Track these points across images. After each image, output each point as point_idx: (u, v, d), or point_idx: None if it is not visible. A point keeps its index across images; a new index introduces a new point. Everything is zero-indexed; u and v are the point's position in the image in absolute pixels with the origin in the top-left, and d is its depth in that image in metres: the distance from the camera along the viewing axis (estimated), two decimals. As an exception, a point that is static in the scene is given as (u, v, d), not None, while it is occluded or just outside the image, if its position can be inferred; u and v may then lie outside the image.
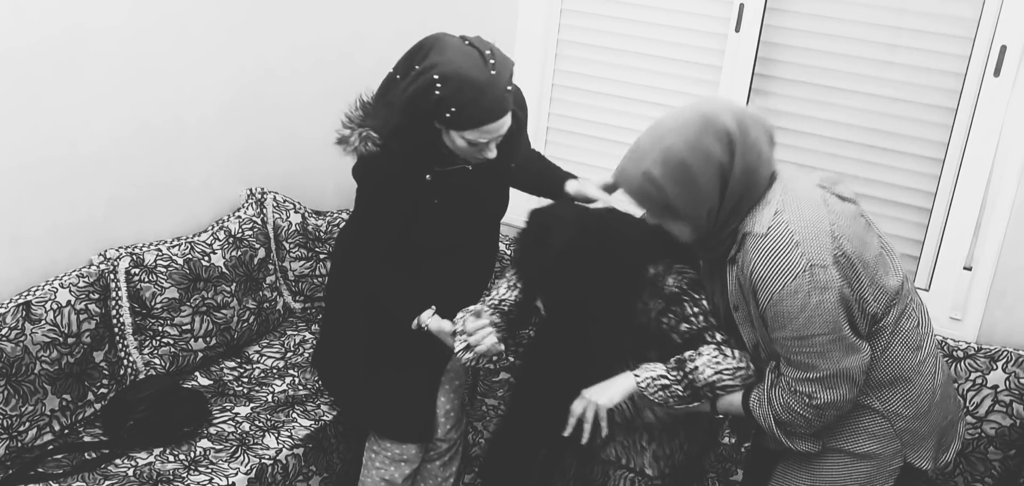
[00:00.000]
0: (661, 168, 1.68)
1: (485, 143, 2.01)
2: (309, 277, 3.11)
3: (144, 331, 2.63)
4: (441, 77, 1.91)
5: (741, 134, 1.67)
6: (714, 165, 1.67)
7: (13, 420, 2.28)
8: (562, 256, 1.87)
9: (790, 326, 1.70)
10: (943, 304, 2.65)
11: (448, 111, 1.93)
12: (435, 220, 2.16)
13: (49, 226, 2.49)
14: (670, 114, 1.74)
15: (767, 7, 2.70)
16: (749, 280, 1.72)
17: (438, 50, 1.95)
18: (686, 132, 1.68)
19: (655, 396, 1.91)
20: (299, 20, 3.11)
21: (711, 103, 1.73)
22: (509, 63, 2.00)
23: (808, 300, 1.66)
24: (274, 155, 3.17)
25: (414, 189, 2.10)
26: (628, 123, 3.00)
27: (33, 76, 2.35)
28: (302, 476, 2.50)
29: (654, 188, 1.70)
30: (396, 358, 2.32)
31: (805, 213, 1.69)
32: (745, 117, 1.71)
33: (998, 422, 2.41)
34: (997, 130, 2.50)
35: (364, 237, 2.21)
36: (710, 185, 1.68)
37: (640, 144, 1.75)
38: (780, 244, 1.67)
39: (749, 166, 1.68)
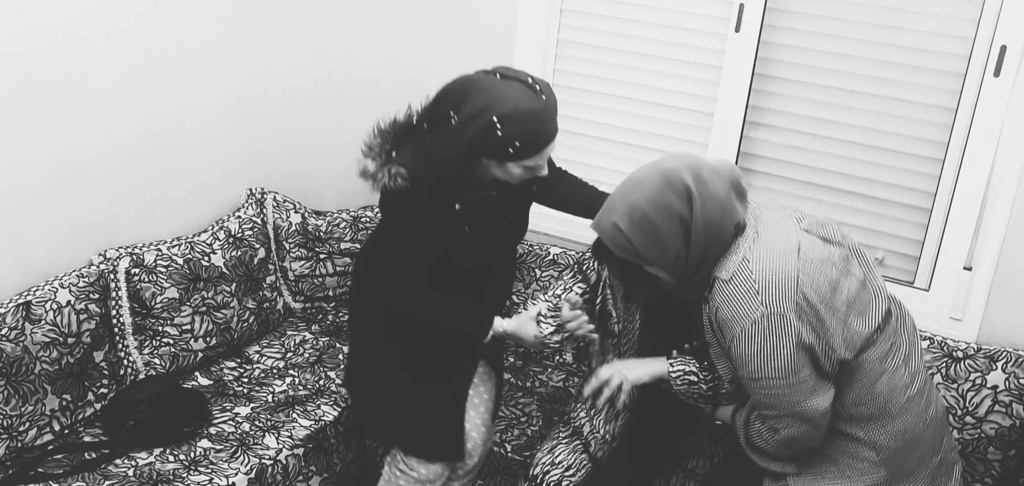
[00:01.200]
0: (627, 220, 1.82)
1: (541, 163, 2.06)
2: (309, 277, 3.11)
3: (144, 331, 2.63)
4: (500, 117, 1.93)
5: (699, 188, 1.79)
6: (675, 217, 1.79)
7: (13, 420, 2.28)
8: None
9: (747, 367, 1.82)
10: (943, 304, 2.65)
11: (511, 146, 1.96)
12: (465, 246, 2.17)
13: (49, 226, 2.49)
14: (638, 171, 1.88)
15: (767, 7, 2.70)
16: (716, 320, 1.85)
17: (479, 92, 1.97)
18: (649, 188, 1.81)
19: (679, 387, 2.04)
20: (299, 21, 3.12)
21: (673, 160, 1.85)
22: (548, 85, 2.05)
23: (764, 346, 1.77)
24: (274, 155, 3.18)
25: (444, 218, 2.11)
26: (628, 123, 3.00)
27: (34, 78, 2.35)
28: (302, 476, 2.50)
29: (623, 238, 1.83)
30: (426, 376, 2.31)
31: (771, 262, 1.78)
32: (704, 171, 1.82)
33: (998, 423, 2.41)
34: (997, 130, 2.50)
35: (404, 270, 2.19)
36: (672, 235, 1.80)
37: (613, 198, 1.89)
38: (741, 291, 1.78)
39: (709, 217, 1.79)
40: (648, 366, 2.07)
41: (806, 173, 2.81)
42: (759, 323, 1.76)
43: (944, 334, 2.58)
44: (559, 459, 2.37)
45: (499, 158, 2.01)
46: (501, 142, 1.95)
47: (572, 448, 2.39)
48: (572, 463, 2.35)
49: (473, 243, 2.18)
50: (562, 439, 2.43)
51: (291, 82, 3.16)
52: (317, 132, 3.30)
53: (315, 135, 3.30)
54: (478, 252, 2.21)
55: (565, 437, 2.44)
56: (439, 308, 2.22)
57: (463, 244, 2.16)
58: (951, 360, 2.48)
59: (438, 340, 2.27)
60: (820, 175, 2.79)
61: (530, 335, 2.22)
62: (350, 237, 3.11)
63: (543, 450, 2.41)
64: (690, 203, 1.79)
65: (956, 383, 2.46)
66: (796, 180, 2.83)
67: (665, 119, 2.95)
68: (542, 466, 2.36)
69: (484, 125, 1.94)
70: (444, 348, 2.29)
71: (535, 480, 2.36)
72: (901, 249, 2.75)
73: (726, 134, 2.82)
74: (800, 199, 2.83)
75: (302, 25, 3.12)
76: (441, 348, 2.28)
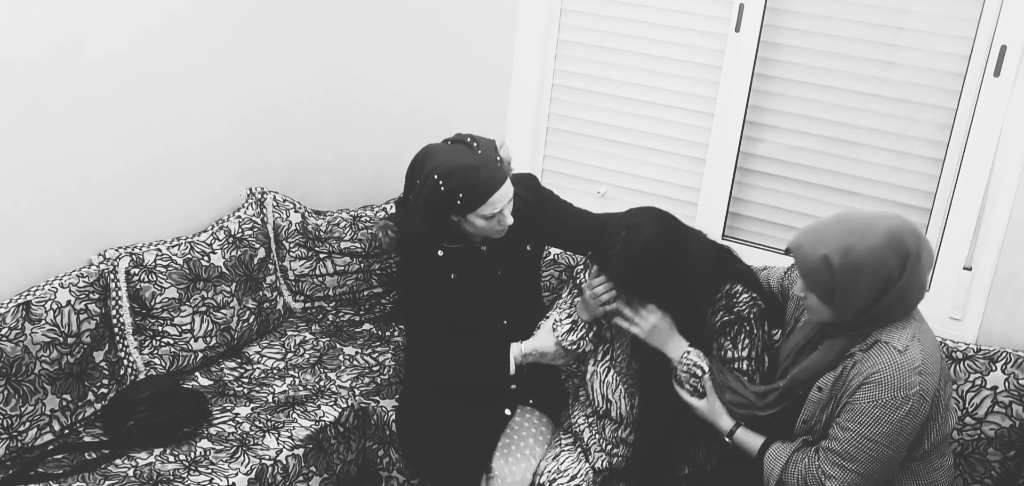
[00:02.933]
0: (839, 259, 1.85)
1: (499, 211, 2.28)
2: (309, 277, 3.11)
3: (144, 331, 2.63)
4: (440, 176, 2.23)
5: (916, 259, 1.86)
6: (883, 277, 1.85)
7: (13, 420, 2.28)
8: (647, 248, 2.09)
9: (867, 427, 1.88)
10: (943, 304, 2.65)
11: (457, 199, 2.24)
12: (458, 295, 2.40)
13: (49, 226, 2.50)
14: (856, 215, 1.92)
15: (767, 7, 2.70)
16: (859, 377, 1.89)
17: (429, 158, 2.30)
18: (871, 239, 1.85)
19: (684, 374, 2.15)
20: (299, 20, 3.11)
21: (899, 221, 1.90)
22: (490, 143, 2.36)
23: (897, 416, 1.86)
24: (274, 155, 3.18)
25: (430, 263, 2.39)
26: (628, 123, 3.00)
27: (33, 77, 2.35)
28: (302, 477, 2.50)
29: (826, 275, 1.87)
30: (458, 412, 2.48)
31: (932, 350, 1.90)
32: (923, 244, 1.89)
33: (997, 423, 2.41)
34: (997, 130, 2.50)
35: (415, 315, 2.48)
36: (871, 290, 1.86)
37: (825, 229, 1.91)
38: (909, 365, 1.86)
39: (910, 288, 1.88)
40: (667, 340, 2.17)
41: (806, 173, 2.81)
42: (909, 397, 1.84)
43: (944, 334, 2.58)
44: (564, 467, 2.36)
45: (453, 212, 2.28)
46: (447, 196, 2.24)
47: (577, 455, 2.39)
48: (577, 471, 2.34)
49: (465, 292, 2.41)
50: (565, 446, 2.43)
51: (292, 81, 3.16)
52: (317, 132, 3.30)
53: (315, 135, 3.30)
54: (472, 302, 2.42)
55: (568, 444, 2.43)
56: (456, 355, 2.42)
57: (454, 292, 2.40)
58: (951, 361, 2.47)
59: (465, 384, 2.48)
60: (820, 175, 2.79)
61: (551, 344, 2.36)
62: (350, 237, 3.11)
63: (547, 458, 2.41)
64: (903, 270, 1.85)
65: (956, 384, 2.46)
66: (796, 180, 2.83)
67: (665, 119, 2.95)
68: (548, 474, 2.35)
69: (430, 185, 2.24)
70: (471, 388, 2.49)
71: None
72: (901, 249, 2.75)
73: (726, 134, 2.82)
74: (800, 199, 2.83)
75: (303, 24, 3.12)
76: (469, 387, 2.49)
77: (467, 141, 2.32)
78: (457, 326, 2.41)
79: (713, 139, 2.86)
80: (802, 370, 2.01)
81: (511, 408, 2.51)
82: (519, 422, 2.50)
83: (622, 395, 2.31)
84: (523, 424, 2.49)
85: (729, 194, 2.88)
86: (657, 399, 2.23)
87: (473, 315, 2.43)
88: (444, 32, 3.12)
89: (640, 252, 2.10)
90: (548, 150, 3.14)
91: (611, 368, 2.34)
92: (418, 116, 3.26)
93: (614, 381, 2.32)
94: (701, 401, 2.16)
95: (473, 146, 2.30)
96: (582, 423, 2.44)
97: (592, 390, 2.38)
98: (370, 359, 2.93)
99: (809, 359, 2.02)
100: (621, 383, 2.31)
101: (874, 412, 1.86)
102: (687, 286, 2.15)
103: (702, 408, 2.16)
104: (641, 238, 2.10)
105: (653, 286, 2.16)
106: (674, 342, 2.18)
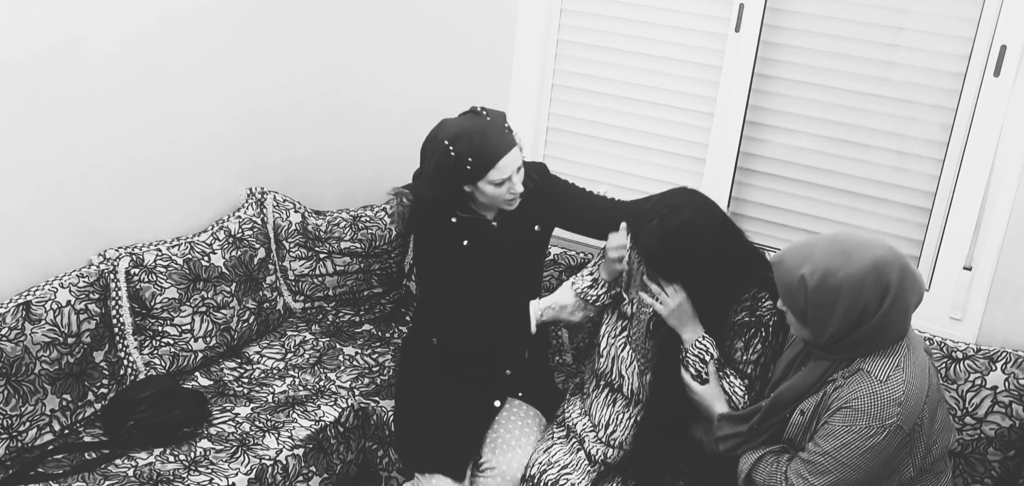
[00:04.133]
0: (816, 281, 1.83)
1: (508, 177, 2.32)
2: (309, 277, 3.11)
3: (144, 331, 2.63)
4: (449, 140, 2.29)
5: (897, 293, 1.82)
6: (859, 307, 1.82)
7: (13, 420, 2.28)
8: (682, 230, 2.10)
9: (838, 449, 1.87)
10: (943, 304, 2.65)
11: (467, 164, 2.28)
12: (468, 263, 2.45)
13: (49, 226, 2.49)
14: (854, 239, 1.88)
15: (767, 7, 2.70)
16: (838, 401, 1.87)
17: (440, 128, 2.36)
18: (853, 266, 1.81)
19: (692, 358, 2.19)
20: (300, 19, 3.11)
21: (887, 252, 1.85)
22: (499, 112, 2.38)
23: (870, 444, 1.84)
24: (274, 155, 3.18)
25: (443, 228, 2.44)
26: (628, 123, 3.00)
27: (33, 76, 2.35)
28: (302, 477, 2.50)
29: (801, 295, 1.85)
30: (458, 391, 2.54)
31: (917, 380, 1.86)
32: (908, 279, 1.84)
33: (997, 423, 2.41)
34: (997, 130, 2.50)
35: (429, 279, 2.50)
36: (846, 318, 1.83)
37: (812, 246, 1.88)
38: (889, 396, 1.83)
39: (889, 323, 1.84)
40: (689, 321, 2.19)
41: (806, 173, 2.81)
42: (885, 427, 1.82)
43: (944, 334, 2.58)
44: (555, 458, 2.37)
45: (464, 179, 2.33)
46: (457, 161, 2.29)
47: (569, 447, 2.40)
48: (568, 462, 2.36)
49: (474, 261, 2.44)
50: (558, 439, 2.44)
51: (292, 80, 3.15)
52: (318, 131, 3.30)
53: (316, 134, 3.30)
54: (480, 273, 2.45)
55: (560, 436, 2.45)
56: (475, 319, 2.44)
57: (464, 260, 2.44)
58: (951, 360, 2.47)
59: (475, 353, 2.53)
60: (820, 175, 2.79)
61: (570, 298, 2.41)
62: (350, 237, 3.11)
63: (538, 450, 2.42)
64: (881, 304, 1.82)
65: (956, 384, 2.46)
66: (796, 180, 2.83)
67: (665, 119, 2.95)
68: (539, 466, 2.37)
69: (441, 151, 2.30)
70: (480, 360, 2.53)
71: (532, 480, 2.36)
72: (901, 249, 2.73)
73: (726, 134, 2.82)
74: (800, 199, 2.83)
75: (304, 37, 3.13)
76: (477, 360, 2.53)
77: (478, 110, 2.36)
78: (471, 291, 2.44)
79: (713, 139, 2.86)
80: (785, 390, 2.01)
81: (500, 400, 2.53)
82: (508, 415, 2.51)
83: (635, 372, 2.34)
84: (511, 416, 2.51)
85: (729, 194, 2.88)
86: (669, 379, 2.26)
87: (483, 284, 2.45)
88: (444, 32, 3.12)
89: (675, 232, 2.12)
90: (548, 150, 3.14)
91: (627, 344, 2.35)
92: (418, 116, 3.24)
93: (629, 357, 2.35)
94: (702, 385, 2.18)
95: (483, 114, 2.34)
96: (576, 417, 2.45)
97: (608, 358, 2.39)
98: (370, 359, 2.93)
99: (792, 379, 2.01)
100: (636, 360, 2.33)
101: (846, 436, 1.85)
102: (714, 278, 2.17)
103: (702, 392, 2.18)
104: (678, 219, 2.13)
105: (680, 269, 2.18)
106: (691, 326, 2.20)
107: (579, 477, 2.33)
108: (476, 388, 2.53)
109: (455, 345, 2.53)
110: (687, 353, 2.20)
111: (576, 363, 2.89)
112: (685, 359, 2.21)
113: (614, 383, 2.38)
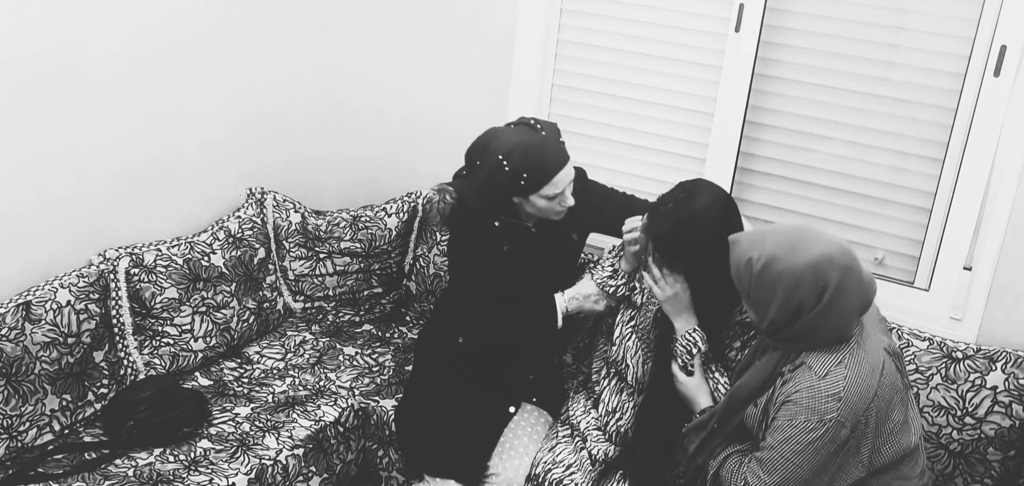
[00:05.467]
0: (759, 267, 1.86)
1: (561, 192, 2.32)
2: (309, 277, 3.11)
3: (144, 331, 2.63)
4: (504, 155, 2.26)
5: (835, 295, 1.83)
6: (796, 301, 1.84)
7: (13, 420, 2.28)
8: (693, 217, 2.12)
9: (782, 444, 1.89)
10: (943, 304, 2.65)
11: (521, 178, 2.27)
12: (505, 267, 2.45)
13: (49, 226, 2.49)
14: (809, 233, 1.89)
15: (767, 7, 2.70)
16: (783, 396, 1.91)
17: (492, 139, 2.32)
18: (796, 259, 1.84)
19: (681, 348, 2.21)
20: (299, 22, 3.12)
21: (836, 251, 1.85)
22: (552, 124, 2.37)
23: (810, 439, 1.85)
24: (274, 157, 3.18)
25: (486, 231, 2.43)
26: (628, 123, 3.00)
27: (34, 76, 2.35)
28: (302, 477, 2.50)
29: (746, 276, 1.90)
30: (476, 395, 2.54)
31: (860, 378, 1.86)
32: (851, 282, 1.84)
33: (997, 423, 2.41)
34: (997, 130, 2.50)
35: (463, 279, 2.49)
36: (783, 310, 1.86)
37: (769, 233, 1.91)
38: (826, 391, 1.85)
39: (824, 322, 1.85)
40: (684, 311, 2.22)
41: (806, 173, 2.81)
42: (824, 422, 1.84)
43: (944, 334, 2.58)
44: (560, 457, 2.38)
45: (517, 192, 2.32)
46: (511, 176, 2.27)
47: (573, 446, 2.40)
48: (573, 462, 2.36)
49: (511, 265, 2.45)
50: (562, 438, 2.44)
51: (292, 80, 3.16)
52: (318, 131, 3.30)
53: (316, 134, 3.30)
54: (515, 276, 2.45)
55: (565, 435, 2.45)
56: (504, 315, 2.45)
57: (503, 263, 2.44)
58: (951, 360, 2.47)
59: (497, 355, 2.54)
60: (820, 175, 2.79)
61: (592, 287, 2.43)
62: (350, 237, 3.11)
63: (543, 449, 2.42)
64: (818, 302, 1.83)
65: (955, 384, 2.46)
66: (796, 180, 2.83)
67: (665, 119, 2.95)
68: (544, 465, 2.37)
69: (494, 164, 2.27)
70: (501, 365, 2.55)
71: (536, 479, 2.36)
72: (901, 249, 2.75)
73: (726, 134, 2.82)
74: (800, 199, 2.83)
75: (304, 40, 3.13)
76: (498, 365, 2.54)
77: (531, 123, 2.33)
78: (503, 296, 2.45)
79: (713, 139, 2.86)
80: (738, 387, 2.04)
81: (515, 405, 2.53)
82: (520, 420, 2.51)
83: (639, 361, 2.34)
84: (522, 423, 2.51)
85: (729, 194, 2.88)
86: (665, 369, 2.28)
87: (516, 289, 2.46)
88: (444, 33, 3.12)
89: (686, 219, 2.13)
90: (548, 150, 3.14)
91: (634, 332, 2.37)
92: (418, 117, 3.26)
93: (634, 345, 2.36)
94: (688, 377, 2.20)
95: (536, 127, 2.32)
96: (580, 415, 2.45)
97: (619, 346, 2.41)
98: (370, 359, 2.93)
99: (746, 375, 2.04)
100: (640, 348, 2.34)
101: (789, 430, 1.87)
102: (715, 271, 2.15)
103: (685, 383, 2.20)
104: (691, 206, 2.13)
105: (683, 255, 2.18)
106: (685, 317, 2.22)
107: (583, 478, 2.33)
108: (492, 392, 2.53)
109: (483, 344, 2.53)
110: (676, 343, 2.22)
111: (576, 363, 2.89)
112: (674, 349, 2.23)
113: (622, 372, 2.39)
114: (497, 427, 2.49)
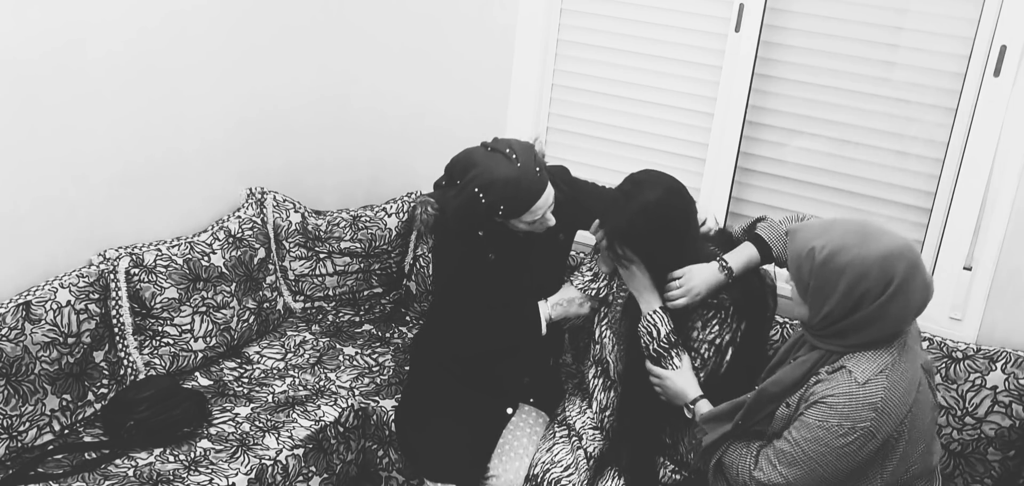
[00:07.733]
0: (823, 256, 1.83)
1: (540, 218, 2.32)
2: (309, 277, 3.11)
3: (144, 331, 2.63)
4: (481, 188, 2.23)
5: (899, 290, 1.80)
6: (860, 293, 1.81)
7: (13, 420, 2.28)
8: (649, 209, 2.11)
9: (808, 442, 1.86)
10: (943, 304, 2.65)
11: (498, 210, 2.26)
12: (491, 276, 2.43)
13: (49, 226, 2.50)
14: (874, 228, 1.87)
15: (767, 7, 2.70)
16: (816, 396, 1.88)
17: (469, 166, 2.27)
18: (864, 250, 1.81)
19: (642, 329, 2.21)
20: (299, 23, 3.11)
21: (900, 245, 1.83)
22: (529, 148, 2.32)
23: (839, 443, 1.83)
24: (274, 158, 3.18)
25: (469, 241, 2.41)
26: (628, 123, 3.00)
27: (34, 76, 2.35)
28: (302, 477, 2.50)
29: (807, 265, 1.86)
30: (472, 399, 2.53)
31: (899, 390, 1.83)
32: (917, 278, 1.82)
33: (997, 423, 2.41)
34: (997, 130, 2.50)
35: (450, 291, 2.49)
36: (845, 301, 1.82)
37: (833, 225, 1.88)
38: (866, 398, 1.82)
39: (885, 313, 1.81)
40: (645, 289, 2.21)
41: (806, 173, 2.81)
42: (856, 430, 1.81)
43: (944, 334, 2.58)
44: (558, 457, 2.38)
45: (494, 219, 2.29)
46: (488, 208, 2.25)
47: (570, 446, 2.40)
48: (570, 462, 2.36)
49: (497, 273, 2.43)
50: (560, 438, 2.44)
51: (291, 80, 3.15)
52: (318, 131, 3.30)
53: (316, 134, 3.30)
54: (501, 283, 2.43)
55: (562, 436, 2.45)
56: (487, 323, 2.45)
57: (488, 271, 2.42)
58: (951, 360, 2.47)
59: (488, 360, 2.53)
60: (820, 175, 2.79)
61: (574, 293, 2.43)
62: (350, 237, 3.11)
63: (541, 449, 2.43)
64: (883, 292, 1.80)
65: (956, 383, 2.46)
66: (796, 180, 2.83)
67: (665, 119, 2.95)
68: (542, 465, 2.37)
69: (469, 196, 2.24)
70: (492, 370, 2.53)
71: (535, 479, 2.36)
72: (901, 249, 2.75)
73: (726, 134, 2.82)
74: (800, 199, 2.83)
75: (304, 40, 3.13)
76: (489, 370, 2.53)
77: (505, 153, 2.27)
78: (489, 304, 2.45)
79: (713, 139, 2.86)
80: (771, 383, 2.00)
81: (513, 406, 2.53)
82: (518, 421, 2.52)
83: (617, 355, 2.35)
84: (520, 424, 2.51)
85: (729, 194, 2.88)
86: (636, 358, 2.27)
87: (506, 292, 2.45)
88: (444, 34, 3.12)
89: (637, 212, 2.12)
90: (548, 150, 3.13)
91: (608, 327, 2.38)
92: (418, 118, 3.26)
93: (610, 341, 2.37)
94: (666, 370, 2.19)
95: (512, 157, 2.26)
96: (576, 415, 2.46)
97: (599, 344, 2.42)
98: (370, 359, 2.93)
99: (779, 373, 2.01)
100: (617, 343, 2.35)
101: (818, 431, 1.85)
102: (672, 262, 2.18)
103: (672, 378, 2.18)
104: (642, 199, 2.13)
105: (640, 248, 2.17)
106: (647, 296, 2.21)
107: (580, 477, 2.33)
108: (489, 394, 2.54)
109: (469, 352, 2.54)
110: (643, 321, 2.22)
111: (576, 363, 2.89)
112: (640, 334, 2.23)
113: (606, 368, 2.40)
114: (495, 429, 2.49)
